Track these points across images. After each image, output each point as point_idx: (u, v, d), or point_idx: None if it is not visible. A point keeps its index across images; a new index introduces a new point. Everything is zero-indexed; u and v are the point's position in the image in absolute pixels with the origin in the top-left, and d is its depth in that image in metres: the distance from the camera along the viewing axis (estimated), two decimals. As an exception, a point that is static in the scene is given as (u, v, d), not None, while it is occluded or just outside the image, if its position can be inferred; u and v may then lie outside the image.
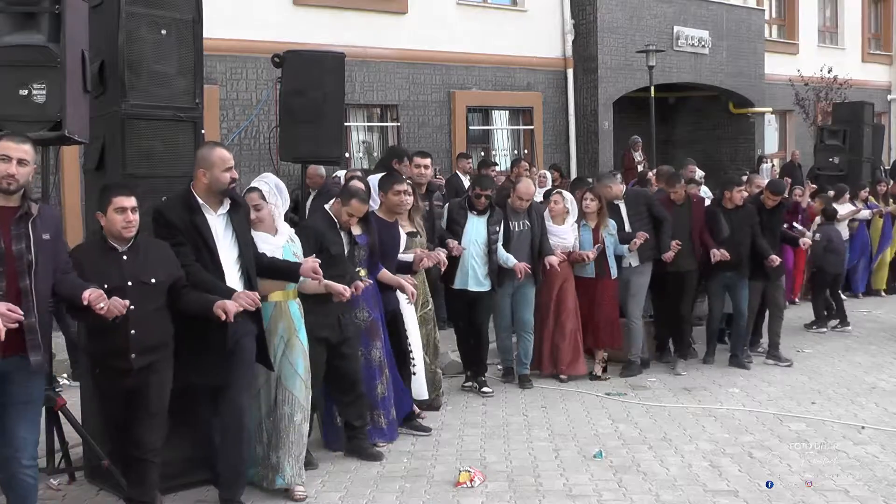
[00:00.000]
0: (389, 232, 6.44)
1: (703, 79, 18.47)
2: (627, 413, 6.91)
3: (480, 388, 7.50)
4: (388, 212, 6.50)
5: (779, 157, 21.46)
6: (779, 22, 22.44)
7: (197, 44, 5.43)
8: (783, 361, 8.46)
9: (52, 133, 4.73)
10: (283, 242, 5.27)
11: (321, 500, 5.19)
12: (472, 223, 7.32)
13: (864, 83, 23.02)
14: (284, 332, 5.19)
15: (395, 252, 6.48)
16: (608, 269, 7.95)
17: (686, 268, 8.24)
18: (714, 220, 8.29)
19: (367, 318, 6.05)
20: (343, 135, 7.90)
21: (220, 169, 4.69)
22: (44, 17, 4.73)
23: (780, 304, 8.70)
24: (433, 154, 13.98)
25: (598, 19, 16.19)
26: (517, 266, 7.33)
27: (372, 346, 6.07)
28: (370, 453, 5.84)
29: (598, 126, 16.24)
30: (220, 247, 4.72)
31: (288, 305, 5.24)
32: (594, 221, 7.94)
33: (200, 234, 4.65)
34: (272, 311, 5.14)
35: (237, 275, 4.77)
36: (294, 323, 5.24)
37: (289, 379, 5.19)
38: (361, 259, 6.03)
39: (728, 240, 8.19)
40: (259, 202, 5.21)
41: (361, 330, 6.01)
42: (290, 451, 5.16)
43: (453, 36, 14.49)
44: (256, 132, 12.11)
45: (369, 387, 6.03)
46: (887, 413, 6.80)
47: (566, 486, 5.32)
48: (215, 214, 4.75)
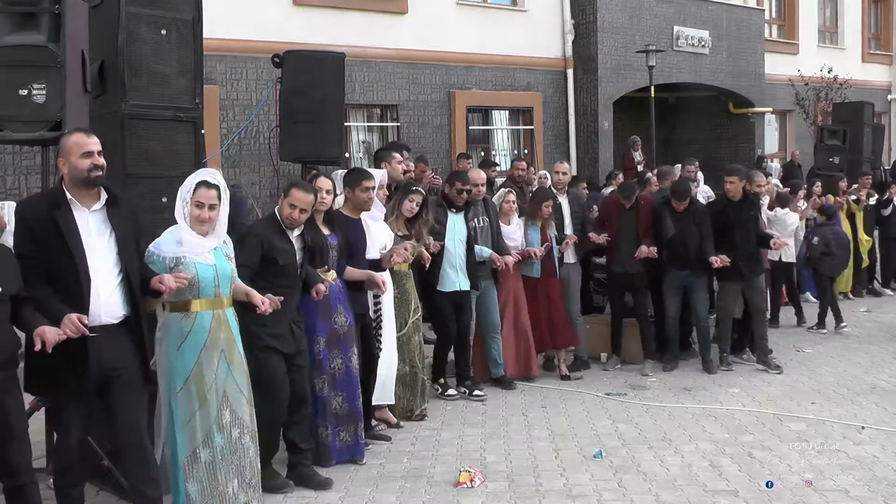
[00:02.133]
0: (355, 230, 6.06)
1: (703, 79, 18.46)
2: (627, 413, 6.91)
3: (472, 392, 7.33)
4: (355, 208, 6.09)
5: (779, 157, 21.47)
6: (779, 22, 22.44)
7: (197, 44, 5.44)
8: (773, 368, 8.18)
9: (51, 133, 4.74)
10: (214, 245, 4.65)
11: (321, 500, 5.18)
12: (451, 221, 7.23)
13: (864, 83, 23.02)
14: (226, 346, 4.64)
15: (362, 251, 6.11)
16: (555, 269, 8.00)
17: (633, 269, 8.24)
18: (659, 221, 8.33)
19: (344, 322, 5.69)
20: (343, 135, 7.91)
21: (76, 155, 4.09)
22: (44, 17, 4.74)
23: (759, 306, 8.44)
24: (433, 154, 14.13)
25: (598, 19, 16.18)
26: (493, 255, 7.35)
27: (351, 353, 5.71)
28: (318, 481, 5.32)
29: (598, 126, 16.24)
30: (90, 248, 4.11)
31: (225, 314, 4.68)
32: (540, 221, 7.95)
33: (59, 232, 4.05)
34: (211, 322, 4.58)
35: (115, 281, 4.18)
36: (233, 334, 4.71)
37: (236, 401, 4.66)
38: (333, 260, 5.68)
39: (673, 239, 8.21)
40: (216, 202, 4.59)
41: (340, 336, 5.66)
42: (243, 476, 4.68)
43: (453, 36, 14.49)
44: (256, 132, 12.10)
45: (352, 397, 5.67)
46: (887, 413, 6.80)
47: (566, 486, 5.31)
48: (87, 211, 4.16)
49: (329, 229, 5.71)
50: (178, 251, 4.53)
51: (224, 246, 4.73)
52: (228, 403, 4.62)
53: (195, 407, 4.54)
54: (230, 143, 11.69)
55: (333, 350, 5.63)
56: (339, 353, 5.65)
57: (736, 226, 8.16)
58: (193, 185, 4.56)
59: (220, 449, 4.58)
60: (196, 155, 5.46)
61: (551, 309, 7.97)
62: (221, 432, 4.59)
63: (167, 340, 4.58)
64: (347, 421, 5.67)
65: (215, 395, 4.57)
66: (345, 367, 5.67)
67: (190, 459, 4.55)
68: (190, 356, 4.53)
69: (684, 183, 8.84)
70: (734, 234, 8.13)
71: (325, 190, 5.69)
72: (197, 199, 4.54)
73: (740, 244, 8.12)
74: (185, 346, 4.54)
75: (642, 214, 8.38)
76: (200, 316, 4.55)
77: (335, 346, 5.64)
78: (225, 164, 11.70)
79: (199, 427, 4.55)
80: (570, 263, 8.27)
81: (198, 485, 4.54)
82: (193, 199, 4.54)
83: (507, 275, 7.65)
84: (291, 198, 5.18)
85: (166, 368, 4.58)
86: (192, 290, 4.51)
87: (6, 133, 4.81)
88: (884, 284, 12.86)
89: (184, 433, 4.54)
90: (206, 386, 4.54)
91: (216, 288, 4.59)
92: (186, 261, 4.52)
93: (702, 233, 8.15)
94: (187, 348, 4.54)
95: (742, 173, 8.47)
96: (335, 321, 5.64)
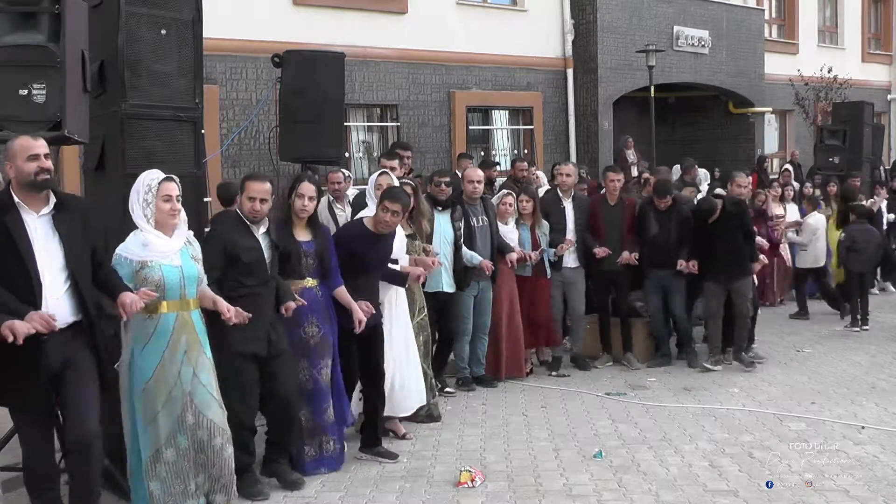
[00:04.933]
0: (372, 244, 5.78)
1: (703, 79, 18.47)
2: (627, 413, 6.91)
3: (444, 389, 7.34)
4: (376, 225, 5.82)
5: (779, 156, 21.47)
6: (779, 22, 22.45)
7: (197, 44, 5.43)
8: (747, 365, 8.11)
9: (51, 133, 4.72)
10: (180, 246, 4.65)
11: (321, 500, 5.18)
12: (437, 221, 7.08)
13: (864, 83, 23.02)
14: (189, 348, 4.60)
15: (375, 267, 5.86)
16: (545, 269, 8.04)
17: (615, 267, 8.27)
18: (641, 220, 8.38)
19: (316, 333, 5.44)
20: (343, 135, 7.90)
21: (22, 158, 4.09)
22: (44, 17, 4.72)
23: (741, 310, 8.23)
24: (433, 154, 14.14)
25: (598, 19, 16.19)
26: (483, 263, 7.29)
27: (322, 365, 5.45)
28: (289, 480, 5.26)
29: (597, 126, 16.25)
30: (39, 251, 4.10)
31: (190, 316, 4.65)
32: (529, 221, 7.97)
33: (9, 237, 4.05)
34: (174, 324, 4.58)
35: (63, 287, 4.16)
36: (199, 336, 4.68)
37: (203, 403, 4.63)
38: (309, 268, 5.44)
39: (655, 239, 8.26)
40: (180, 193, 4.61)
41: (310, 347, 5.41)
42: (216, 481, 4.68)
43: (453, 36, 14.50)
44: (256, 132, 12.11)
45: (318, 410, 5.46)
46: (887, 413, 6.80)
47: (566, 486, 5.31)
48: (35, 215, 4.16)
49: (310, 235, 5.48)
50: (144, 254, 4.54)
51: (190, 247, 4.73)
52: (194, 406, 4.60)
53: (158, 407, 4.54)
54: (230, 143, 11.69)
55: (302, 361, 5.40)
56: (307, 364, 5.41)
57: (716, 228, 8.13)
58: (156, 183, 4.57)
59: (184, 450, 4.58)
60: (196, 155, 5.46)
61: (539, 309, 7.99)
62: (184, 433, 4.58)
63: (131, 342, 4.58)
64: (313, 435, 5.48)
65: (179, 396, 4.56)
66: (312, 381, 5.43)
67: (152, 459, 4.54)
68: (153, 357, 4.54)
69: (665, 181, 9.00)
70: (715, 236, 8.10)
71: (307, 196, 5.42)
72: (164, 193, 4.56)
73: (721, 246, 8.07)
74: (149, 347, 4.55)
75: (626, 214, 8.42)
76: (164, 317, 4.57)
77: (303, 357, 5.40)
78: (225, 164, 11.71)
79: (163, 427, 4.54)
80: (572, 267, 8.24)
81: (160, 484, 4.55)
82: (160, 195, 4.55)
83: (505, 274, 7.64)
84: (248, 190, 5.10)
85: (130, 368, 4.57)
86: (158, 292, 4.51)
87: (6, 133, 4.79)
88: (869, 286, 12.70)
89: (147, 432, 4.54)
90: (168, 387, 4.54)
91: (182, 290, 4.60)
92: (152, 264, 4.54)
93: (681, 234, 8.20)
94: (150, 349, 4.55)
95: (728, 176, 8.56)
96: (305, 331, 5.40)
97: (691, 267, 8.09)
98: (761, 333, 9.83)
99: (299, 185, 5.49)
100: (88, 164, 5.46)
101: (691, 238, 8.23)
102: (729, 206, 8.25)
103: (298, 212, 5.42)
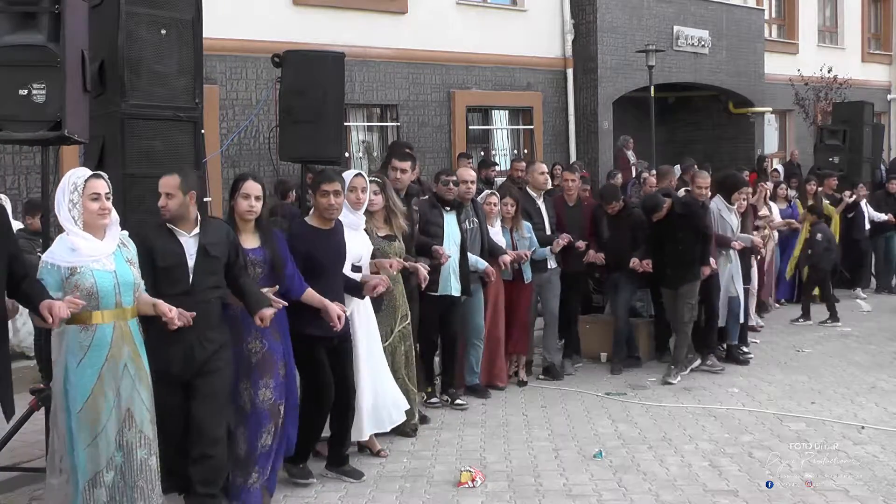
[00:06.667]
0: (323, 242, 5.31)
1: (703, 79, 18.45)
2: (627, 413, 6.91)
3: (454, 401, 7.09)
4: (320, 217, 5.34)
5: (779, 156, 21.46)
6: (779, 22, 22.43)
7: (197, 43, 5.44)
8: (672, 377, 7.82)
9: (51, 133, 4.73)
10: (113, 249, 4.27)
11: (321, 499, 5.18)
12: (447, 221, 6.94)
13: (864, 83, 23.00)
14: (130, 360, 4.23)
15: (332, 267, 5.37)
16: (522, 273, 7.82)
17: (575, 268, 8.24)
18: (595, 224, 8.38)
19: (260, 349, 4.88)
20: (343, 135, 7.87)
21: None
22: (44, 17, 4.72)
23: (682, 315, 7.96)
24: (433, 154, 14.13)
25: (597, 19, 16.17)
26: (488, 269, 7.13)
27: (261, 385, 4.87)
28: None
29: (597, 126, 16.23)
30: None
31: (129, 326, 4.26)
32: (510, 224, 7.81)
33: None
34: (112, 335, 4.18)
35: None
36: (138, 347, 4.30)
37: (141, 418, 4.27)
38: (258, 278, 4.87)
39: (608, 242, 8.26)
40: (109, 191, 4.26)
41: (252, 365, 4.88)
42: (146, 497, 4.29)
43: (453, 36, 14.48)
44: (256, 132, 12.09)
45: (253, 436, 4.87)
46: (887, 413, 6.80)
47: (566, 486, 5.31)
48: None
49: (257, 241, 4.94)
50: (73, 260, 4.14)
51: (125, 250, 4.33)
52: (133, 423, 4.24)
53: (98, 427, 4.16)
54: (230, 143, 11.68)
55: (243, 381, 4.88)
56: (248, 384, 4.88)
57: (664, 229, 7.98)
58: (82, 181, 4.18)
59: (121, 470, 4.22)
60: (196, 155, 5.46)
61: (516, 314, 7.82)
62: (121, 451, 4.22)
63: (66, 356, 4.17)
64: (246, 466, 4.90)
65: (118, 413, 4.20)
66: (250, 402, 4.88)
67: (90, 484, 4.16)
68: (91, 373, 4.14)
69: (613, 186, 9.10)
70: (663, 237, 7.97)
71: (253, 196, 4.87)
72: (91, 191, 4.17)
73: (668, 248, 7.93)
74: (85, 362, 4.14)
75: (584, 214, 8.42)
76: (101, 328, 4.16)
77: (243, 376, 4.87)
78: (225, 164, 11.70)
79: (103, 449, 4.17)
80: (551, 268, 8.04)
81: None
82: (87, 194, 4.16)
83: (494, 278, 7.39)
84: (159, 187, 4.60)
85: (65, 386, 4.17)
86: (91, 300, 4.12)
87: (6, 133, 4.80)
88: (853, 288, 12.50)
89: (85, 456, 4.16)
90: (108, 404, 4.17)
91: (117, 297, 4.20)
92: (83, 269, 4.14)
93: (635, 237, 8.16)
94: (88, 364, 4.14)
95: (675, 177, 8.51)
96: (248, 346, 4.88)
97: (645, 265, 7.92)
98: (762, 333, 9.86)
99: (243, 183, 4.93)
100: (88, 164, 5.45)
101: (644, 239, 8.12)
102: (678, 206, 8.03)
103: (243, 214, 4.88)
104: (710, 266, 8.02)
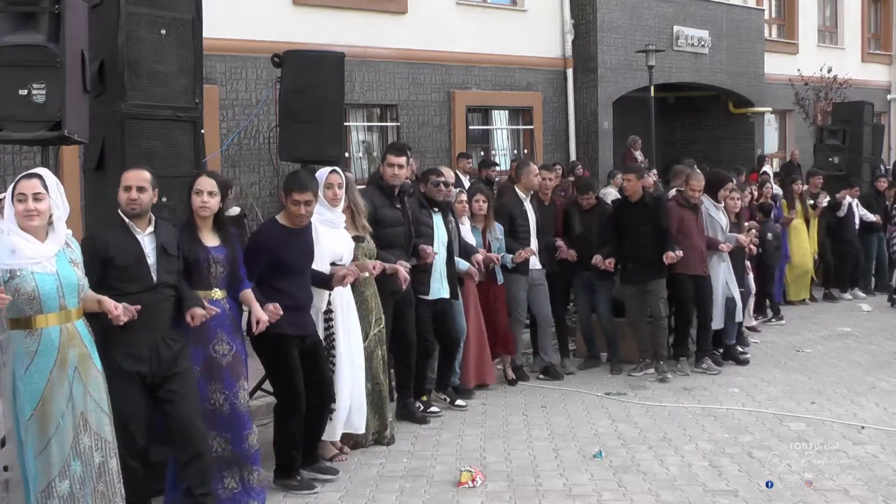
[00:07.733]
0: (292, 242, 5.24)
1: (703, 79, 18.48)
2: (627, 413, 6.91)
3: (454, 402, 7.04)
4: (291, 220, 5.27)
5: (779, 156, 21.49)
6: (779, 22, 22.45)
7: (197, 44, 5.44)
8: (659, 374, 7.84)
9: (51, 133, 4.73)
10: (55, 250, 4.11)
11: (321, 499, 5.18)
12: (436, 223, 6.79)
13: (864, 83, 23.02)
14: (79, 363, 4.09)
15: (300, 267, 5.30)
16: (495, 275, 7.64)
17: (549, 268, 8.13)
18: (567, 221, 8.34)
19: (227, 351, 4.85)
20: (343, 135, 7.88)
21: None
22: (44, 16, 4.72)
23: (656, 312, 7.93)
24: (433, 154, 14.13)
25: (597, 19, 16.19)
26: (472, 270, 7.10)
27: (238, 388, 4.86)
28: None
29: (597, 126, 16.25)
30: None
31: (76, 327, 4.12)
32: (482, 224, 7.59)
33: None
34: (59, 339, 4.04)
35: None
36: (88, 349, 4.16)
37: (97, 422, 4.15)
38: (218, 277, 4.84)
39: (578, 238, 8.19)
40: (41, 191, 4.04)
41: (222, 367, 4.82)
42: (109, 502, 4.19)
43: (453, 36, 14.49)
44: (256, 132, 12.10)
45: (238, 438, 4.86)
46: (887, 413, 6.79)
47: (566, 486, 5.31)
48: None
49: (218, 240, 4.89)
50: (12, 262, 3.98)
51: (69, 250, 4.18)
52: (88, 427, 4.10)
53: (49, 434, 4.01)
54: (230, 143, 11.69)
55: (213, 383, 4.82)
56: (221, 387, 4.82)
57: (628, 226, 7.93)
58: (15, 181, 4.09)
59: (78, 478, 4.06)
60: (196, 155, 5.47)
61: (495, 316, 7.66)
62: (78, 459, 4.06)
63: (12, 363, 4.03)
64: (230, 465, 4.88)
65: (71, 418, 4.05)
66: (229, 405, 4.83)
67: (44, 494, 4.01)
68: (39, 379, 4.00)
69: (586, 178, 9.00)
70: (625, 232, 7.91)
71: (206, 192, 4.82)
72: (18, 191, 4.02)
73: (631, 245, 7.89)
74: (33, 368, 4.01)
75: (556, 212, 8.37)
76: (47, 332, 4.02)
77: (215, 380, 4.81)
78: (225, 164, 11.71)
79: (55, 456, 4.02)
80: (537, 269, 7.91)
81: None
82: (15, 194, 4.01)
83: (470, 279, 7.30)
84: (123, 180, 4.50)
85: (12, 394, 4.04)
86: (33, 304, 3.98)
87: (6, 133, 4.80)
88: (842, 290, 12.35)
89: (36, 465, 4.01)
90: (59, 410, 4.03)
91: (61, 299, 4.05)
92: (23, 272, 3.98)
93: (603, 233, 8.10)
94: (35, 370, 4.01)
95: (640, 172, 8.38)
96: (214, 349, 4.81)
97: (607, 264, 7.87)
98: (763, 333, 9.87)
99: (196, 179, 4.91)
100: (88, 164, 5.47)
101: (610, 236, 8.05)
102: (648, 199, 7.97)
103: (198, 210, 4.84)
104: (675, 254, 7.73)
